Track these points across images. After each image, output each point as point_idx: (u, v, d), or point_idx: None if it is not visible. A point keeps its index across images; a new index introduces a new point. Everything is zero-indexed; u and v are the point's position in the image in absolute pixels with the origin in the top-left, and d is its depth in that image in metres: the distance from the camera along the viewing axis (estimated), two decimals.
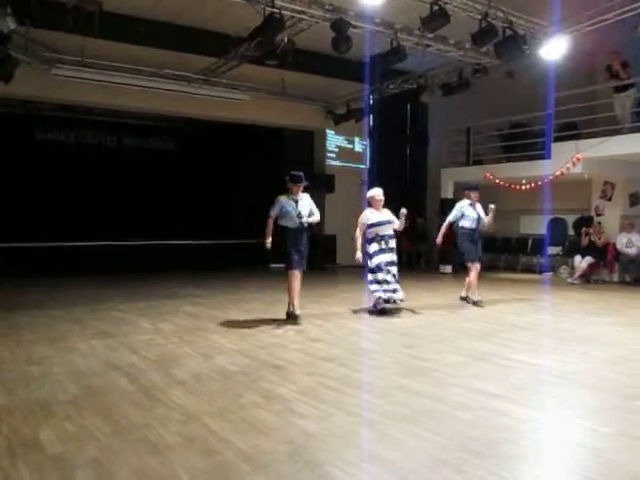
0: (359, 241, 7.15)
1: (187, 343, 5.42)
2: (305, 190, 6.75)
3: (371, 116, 14.44)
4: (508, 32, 8.37)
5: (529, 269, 13.05)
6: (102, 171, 12.46)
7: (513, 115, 12.52)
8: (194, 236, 12.93)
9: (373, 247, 7.13)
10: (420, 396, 3.82)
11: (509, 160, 12.67)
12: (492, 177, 12.37)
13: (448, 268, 12.99)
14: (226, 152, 13.78)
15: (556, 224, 13.01)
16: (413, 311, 7.47)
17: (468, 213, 7.97)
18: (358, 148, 14.69)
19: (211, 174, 13.57)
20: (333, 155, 14.26)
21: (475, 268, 8.03)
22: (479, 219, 7.98)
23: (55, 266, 10.95)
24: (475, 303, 8.06)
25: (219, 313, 7.15)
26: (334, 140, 14.26)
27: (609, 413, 3.56)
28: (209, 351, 5.10)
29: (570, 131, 11.23)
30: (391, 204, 7.59)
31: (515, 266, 13.38)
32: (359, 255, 7.06)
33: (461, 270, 12.97)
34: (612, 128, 10.58)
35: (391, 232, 7.24)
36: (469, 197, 8.10)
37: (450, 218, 8.06)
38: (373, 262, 7.10)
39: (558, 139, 11.21)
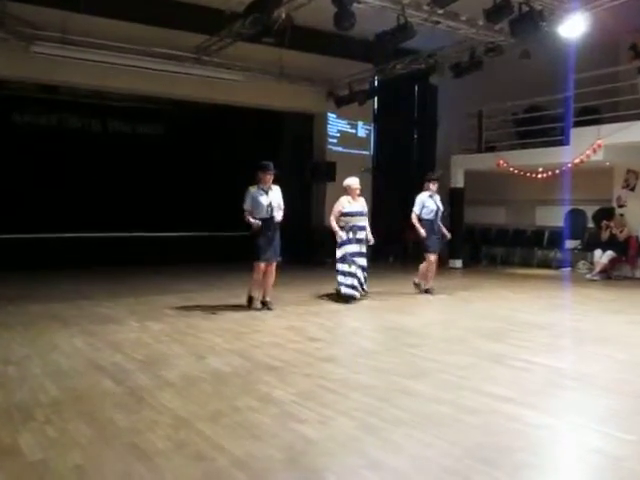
0: (335, 224, 7.81)
1: (177, 342, 5.43)
2: (275, 181, 7.16)
3: (376, 99, 14.37)
4: (524, 8, 8.31)
5: (545, 264, 13.06)
6: (85, 157, 12.43)
7: (529, 98, 12.48)
8: (185, 227, 12.93)
9: (342, 236, 7.78)
10: (426, 399, 3.83)
11: (524, 146, 12.63)
12: (506, 165, 12.35)
13: (458, 263, 13.00)
14: (219, 137, 13.74)
15: (575, 216, 12.99)
16: (418, 307, 7.48)
17: (428, 204, 8.65)
18: (362, 133, 14.65)
19: (203, 161, 13.54)
20: (334, 141, 14.21)
21: (433, 258, 8.67)
22: (437, 210, 8.68)
23: (34, 259, 10.92)
24: (427, 291, 8.72)
25: (212, 310, 7.16)
26: (336, 124, 14.21)
27: (630, 419, 3.57)
28: (201, 351, 5.11)
29: (591, 115, 11.19)
30: (400, 193, 7.79)
31: (530, 261, 13.38)
32: (341, 233, 7.74)
33: (472, 265, 13.07)
34: (636, 112, 10.54)
35: (362, 224, 7.92)
36: (428, 188, 8.76)
37: (416, 211, 8.69)
38: (339, 251, 7.82)
39: (578, 124, 11.18)
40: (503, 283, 10.37)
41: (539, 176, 12.19)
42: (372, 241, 8.06)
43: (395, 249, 13.45)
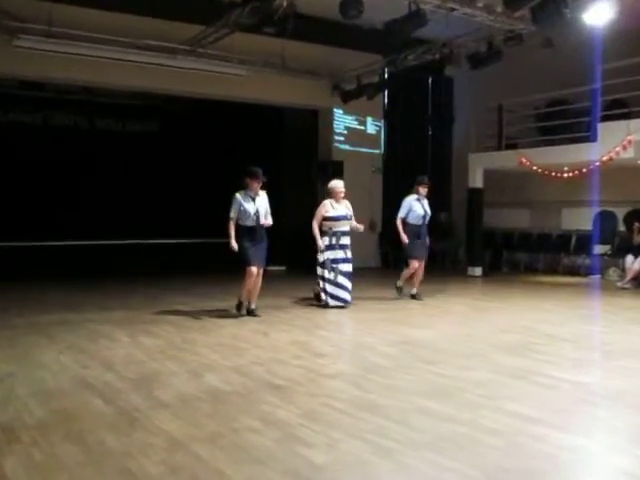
0: (317, 232, 8.22)
1: (172, 359, 5.45)
2: (263, 187, 7.53)
3: (386, 92, 14.42)
4: None
5: (572, 271, 13.03)
6: (72, 158, 12.53)
7: (553, 91, 12.48)
8: (179, 234, 12.98)
9: (324, 241, 8.20)
10: (444, 420, 3.83)
11: (548, 143, 12.61)
12: (528, 163, 12.34)
13: (478, 270, 12.97)
14: (217, 135, 13.81)
15: (604, 218, 12.96)
16: (434, 320, 7.49)
17: (415, 208, 8.97)
18: (371, 130, 14.70)
19: (199, 161, 13.61)
20: (341, 138, 14.27)
21: (419, 264, 8.98)
22: (425, 215, 9.01)
23: (17, 269, 10.98)
24: (413, 296, 9.07)
25: (209, 323, 7.18)
26: (342, 120, 14.26)
27: None
28: (197, 368, 5.12)
29: (620, 109, 11.17)
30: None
31: (556, 268, 13.35)
32: (320, 243, 8.16)
33: (493, 272, 13.05)
34: None
35: (346, 228, 8.31)
36: (417, 191, 9.06)
37: (401, 214, 9.01)
38: (320, 256, 8.22)
39: (606, 118, 11.16)
40: (526, 292, 10.35)
41: (565, 175, 12.17)
42: (361, 228, 8.44)
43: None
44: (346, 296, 8.26)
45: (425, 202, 9.09)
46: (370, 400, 4.27)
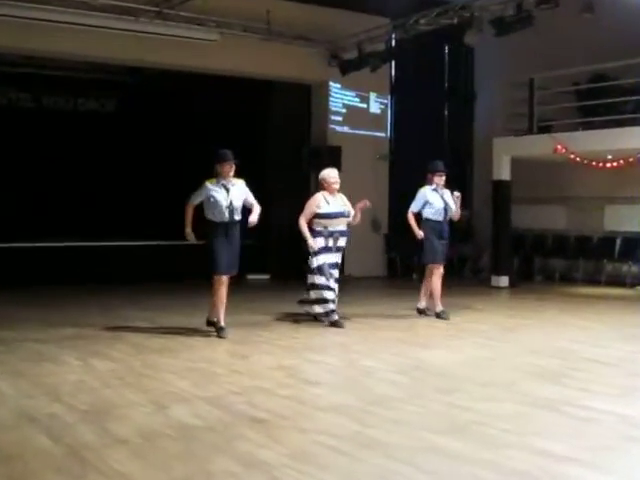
0: (306, 230, 8.13)
1: (131, 387, 5.46)
2: (237, 174, 7.45)
3: (393, 63, 14.44)
4: None
5: (617, 281, 13.08)
6: (13, 143, 12.49)
7: (594, 64, 12.54)
8: (141, 234, 12.94)
9: (317, 243, 8.12)
10: (460, 460, 3.85)
11: (589, 127, 12.68)
12: (565, 151, 12.38)
13: (504, 280, 13.00)
14: (189, 116, 13.79)
15: None
16: (450, 341, 7.51)
17: (432, 201, 8.93)
18: (375, 108, 14.72)
19: (167, 147, 13.58)
20: (339, 118, 14.29)
21: (438, 271, 8.90)
22: (446, 209, 8.93)
23: None
24: (438, 315, 8.88)
25: (176, 344, 7.18)
26: (341, 97, 14.28)
27: None
28: (162, 398, 5.13)
29: None
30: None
31: (597, 277, 13.41)
32: (312, 242, 8.06)
33: (522, 283, 13.09)
34: None
35: (343, 228, 8.26)
36: (432, 181, 9.06)
37: (413, 208, 9.02)
38: (314, 262, 8.14)
39: None
40: (561, 306, 10.39)
41: (608, 165, 12.21)
42: (368, 204, 8.47)
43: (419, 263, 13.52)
44: (331, 306, 8.32)
45: (445, 193, 9.03)
46: (371, 437, 4.29)
